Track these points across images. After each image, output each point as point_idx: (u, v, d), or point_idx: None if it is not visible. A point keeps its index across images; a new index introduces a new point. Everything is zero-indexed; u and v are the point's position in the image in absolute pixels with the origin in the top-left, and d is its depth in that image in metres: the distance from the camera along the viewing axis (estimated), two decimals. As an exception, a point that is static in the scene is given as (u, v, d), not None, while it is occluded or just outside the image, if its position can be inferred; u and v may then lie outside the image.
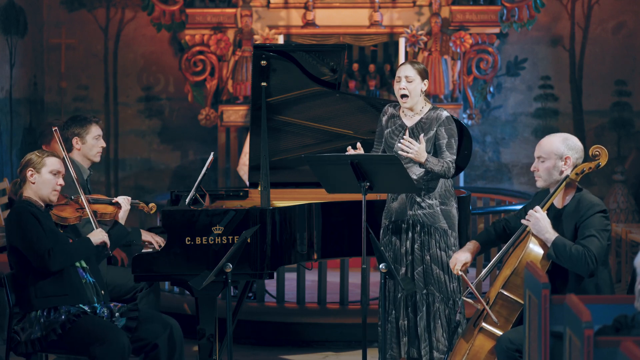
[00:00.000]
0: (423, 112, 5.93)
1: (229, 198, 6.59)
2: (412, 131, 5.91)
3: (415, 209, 5.90)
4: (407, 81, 5.87)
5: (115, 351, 5.01)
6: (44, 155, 5.32)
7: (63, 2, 10.59)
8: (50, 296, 5.15)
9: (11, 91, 9.69)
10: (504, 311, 4.98)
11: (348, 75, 10.23)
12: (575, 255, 4.81)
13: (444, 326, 5.87)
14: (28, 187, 5.30)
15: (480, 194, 9.78)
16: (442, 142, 5.84)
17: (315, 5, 10.18)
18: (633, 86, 10.57)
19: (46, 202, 5.30)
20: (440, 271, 5.87)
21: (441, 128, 5.85)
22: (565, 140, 5.04)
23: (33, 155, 5.34)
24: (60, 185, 5.31)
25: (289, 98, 6.45)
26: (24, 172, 5.30)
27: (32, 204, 5.26)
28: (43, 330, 5.11)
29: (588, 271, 4.83)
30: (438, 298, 5.87)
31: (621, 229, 8.76)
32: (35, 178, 5.27)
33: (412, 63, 5.94)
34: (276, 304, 7.51)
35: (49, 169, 5.28)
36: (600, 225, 4.88)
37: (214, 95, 10.31)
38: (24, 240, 5.15)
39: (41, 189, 5.27)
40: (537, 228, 4.94)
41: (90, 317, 5.16)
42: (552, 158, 5.01)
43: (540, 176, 5.06)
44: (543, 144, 5.06)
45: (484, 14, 10.24)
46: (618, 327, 3.61)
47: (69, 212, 5.38)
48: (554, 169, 5.01)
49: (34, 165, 5.28)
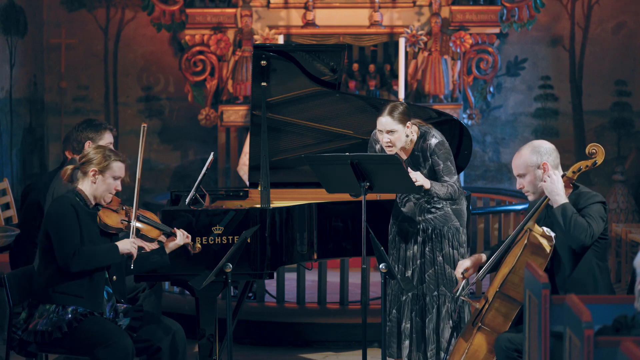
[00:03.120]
0: (413, 144, 5.89)
1: (229, 198, 6.59)
2: (408, 163, 5.89)
3: (425, 214, 5.89)
4: (389, 135, 5.82)
5: (120, 354, 5.00)
6: (111, 159, 5.23)
7: (63, 2, 10.60)
8: (68, 294, 5.12)
9: (11, 91, 9.69)
10: (502, 310, 4.98)
11: (348, 75, 10.23)
12: (579, 223, 4.86)
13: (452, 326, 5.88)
14: (86, 183, 5.23)
15: (480, 194, 9.78)
16: (439, 169, 5.82)
17: (315, 5, 10.18)
18: (633, 86, 10.57)
19: (98, 201, 5.26)
20: (452, 270, 5.86)
21: (434, 156, 5.83)
22: (534, 149, 5.06)
23: (100, 155, 5.23)
24: (117, 189, 5.25)
25: (289, 98, 6.45)
26: (86, 167, 5.22)
27: (82, 199, 5.22)
28: (49, 326, 5.09)
29: (582, 243, 4.87)
30: (449, 297, 5.86)
31: (621, 229, 8.76)
32: (98, 179, 5.21)
33: (391, 112, 5.76)
34: (276, 304, 7.51)
35: (113, 173, 5.22)
36: (599, 212, 4.93)
37: (214, 95, 10.31)
38: (56, 234, 5.10)
39: (98, 189, 5.22)
40: (552, 188, 4.96)
41: (96, 319, 5.14)
42: (531, 171, 5.05)
43: (529, 191, 5.10)
44: (516, 161, 5.10)
45: (484, 14, 10.24)
46: (618, 327, 3.61)
47: (112, 220, 5.27)
48: (537, 180, 5.05)
49: (99, 166, 5.20)
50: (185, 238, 5.45)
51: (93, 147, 5.35)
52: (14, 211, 8.47)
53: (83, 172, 5.24)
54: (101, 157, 5.23)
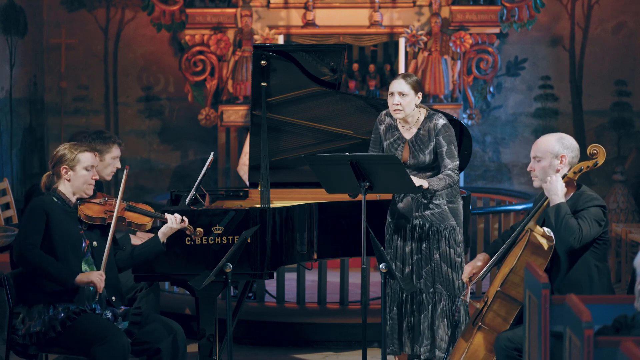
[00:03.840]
0: (419, 123, 5.91)
1: (229, 198, 6.59)
2: (411, 144, 5.89)
3: (422, 210, 5.90)
4: (400, 96, 5.84)
5: (116, 351, 5.00)
6: (77, 151, 5.27)
7: (63, 2, 10.59)
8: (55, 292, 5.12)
9: (11, 91, 9.69)
10: (502, 309, 4.99)
11: (348, 75, 10.23)
12: (570, 225, 4.87)
13: (447, 324, 5.88)
14: (62, 183, 5.27)
15: (480, 194, 9.78)
16: (442, 150, 5.83)
17: (315, 5, 10.18)
18: (633, 86, 10.57)
19: (80, 195, 5.28)
20: (449, 269, 5.87)
21: (439, 137, 5.84)
22: (561, 139, 5.09)
23: (66, 151, 5.28)
24: (94, 178, 5.28)
25: (289, 98, 6.45)
26: (57, 168, 5.26)
27: (60, 199, 5.24)
28: (43, 327, 5.09)
29: (569, 245, 4.87)
30: (445, 296, 5.87)
31: (621, 229, 8.76)
32: (70, 175, 5.24)
33: (405, 77, 5.88)
34: (276, 304, 7.51)
35: (83, 165, 5.26)
36: (596, 215, 4.93)
37: (214, 95, 10.31)
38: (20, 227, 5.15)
39: (74, 184, 5.25)
40: (550, 187, 4.98)
41: (90, 316, 5.14)
42: (548, 157, 5.06)
43: (537, 175, 5.10)
44: (539, 144, 5.11)
45: (484, 14, 10.24)
46: (618, 327, 3.61)
47: (95, 212, 5.29)
48: (549, 168, 5.06)
49: (67, 163, 5.24)
50: (179, 222, 5.40)
51: (60, 147, 5.37)
52: (14, 211, 8.46)
53: (56, 174, 5.29)
54: (67, 152, 5.27)
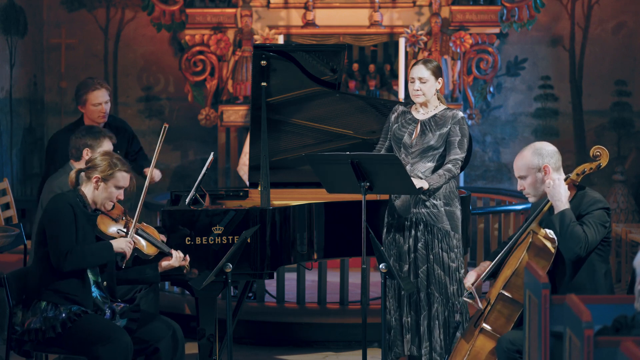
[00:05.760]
0: (437, 110, 5.93)
1: (229, 198, 6.59)
2: (423, 125, 5.90)
3: (419, 207, 5.90)
4: (420, 82, 5.86)
5: (119, 351, 5.00)
6: (116, 168, 5.22)
7: (63, 2, 10.59)
8: (60, 292, 5.11)
9: (11, 91, 9.69)
10: (504, 312, 4.98)
11: (348, 75, 10.23)
12: (575, 233, 4.82)
13: (441, 328, 5.87)
14: (88, 187, 5.24)
15: (480, 194, 9.77)
16: (455, 139, 5.85)
17: (315, 5, 10.18)
18: (633, 86, 10.56)
19: (98, 207, 5.25)
20: (442, 272, 5.86)
21: (456, 126, 5.86)
22: (537, 151, 5.05)
23: (106, 162, 5.23)
24: (119, 198, 5.25)
25: (289, 98, 6.45)
26: (90, 172, 5.23)
27: (82, 200, 5.21)
28: (42, 324, 5.08)
29: (576, 254, 4.84)
30: (438, 299, 5.86)
31: (621, 229, 8.76)
32: (100, 186, 5.21)
33: (425, 62, 5.91)
34: (276, 304, 7.51)
35: (116, 182, 5.22)
36: (601, 219, 4.89)
37: (214, 95, 10.31)
38: (52, 231, 5.10)
39: (99, 196, 5.22)
40: (554, 192, 4.93)
41: (91, 317, 5.13)
42: (532, 173, 5.04)
43: (529, 193, 5.08)
44: (518, 162, 5.09)
45: (484, 14, 10.24)
46: (618, 327, 3.61)
47: (107, 228, 5.24)
48: (537, 182, 5.03)
49: (103, 174, 5.20)
50: (181, 260, 5.42)
51: (100, 154, 5.33)
52: (14, 211, 8.46)
53: (87, 177, 5.25)
54: (106, 165, 5.23)
